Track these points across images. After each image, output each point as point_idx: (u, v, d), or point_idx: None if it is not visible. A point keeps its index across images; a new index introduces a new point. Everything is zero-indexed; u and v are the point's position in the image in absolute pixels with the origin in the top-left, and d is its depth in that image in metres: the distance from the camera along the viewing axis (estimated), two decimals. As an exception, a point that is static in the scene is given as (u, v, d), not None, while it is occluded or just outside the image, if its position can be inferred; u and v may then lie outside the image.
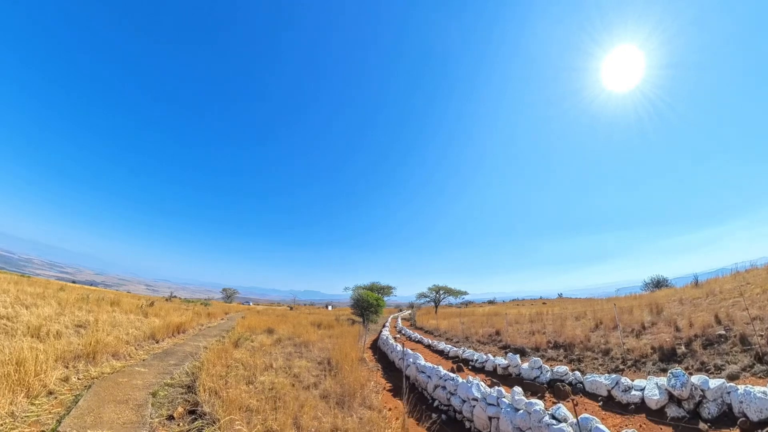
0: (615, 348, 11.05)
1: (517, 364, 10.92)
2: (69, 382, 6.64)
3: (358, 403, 8.35)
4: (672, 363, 8.96)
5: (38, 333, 9.17)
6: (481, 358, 12.84)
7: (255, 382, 8.18)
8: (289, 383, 8.61)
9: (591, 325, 14.74)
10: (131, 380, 7.37)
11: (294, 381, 9.08)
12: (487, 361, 12.38)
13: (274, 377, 8.90)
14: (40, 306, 13.00)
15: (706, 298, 14.02)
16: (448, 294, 53.16)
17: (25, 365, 5.84)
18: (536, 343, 14.22)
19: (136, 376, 7.76)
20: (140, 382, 7.29)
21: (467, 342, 17.78)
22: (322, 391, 8.61)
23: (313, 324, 23.94)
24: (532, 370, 10.19)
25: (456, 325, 23.11)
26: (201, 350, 12.35)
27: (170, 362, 9.57)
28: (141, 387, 7.00)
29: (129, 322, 13.90)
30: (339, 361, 11.36)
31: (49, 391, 5.98)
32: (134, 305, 19.96)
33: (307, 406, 6.97)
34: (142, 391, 6.72)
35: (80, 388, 6.46)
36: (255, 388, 7.66)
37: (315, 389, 8.76)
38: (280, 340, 15.65)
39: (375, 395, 10.02)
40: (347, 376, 9.79)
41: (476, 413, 8.00)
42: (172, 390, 7.08)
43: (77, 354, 7.99)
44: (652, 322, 12.64)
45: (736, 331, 9.34)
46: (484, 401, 7.93)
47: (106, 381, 7.08)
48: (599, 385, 8.18)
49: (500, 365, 11.52)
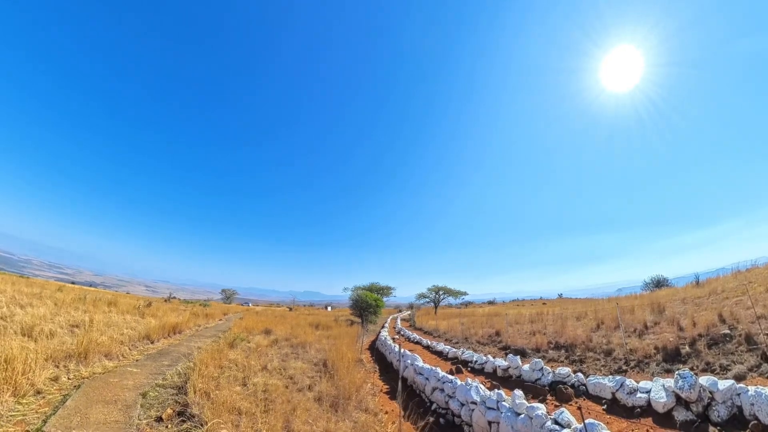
0: (617, 348, 10.86)
1: (518, 366, 10.68)
2: (59, 382, 6.53)
3: (353, 406, 8.21)
4: (676, 363, 8.77)
5: (31, 332, 9.09)
6: (480, 360, 12.64)
7: (248, 383, 8.07)
8: (283, 385, 8.50)
9: (592, 325, 14.58)
10: (122, 380, 7.26)
11: (288, 383, 8.96)
12: (486, 362, 12.17)
13: (268, 379, 8.79)
14: (35, 306, 12.92)
15: (708, 297, 13.88)
16: (448, 294, 52.97)
17: (14, 363, 5.74)
18: (537, 343, 14.02)
19: (128, 376, 7.64)
20: (131, 383, 7.17)
21: (467, 343, 17.62)
22: (317, 393, 8.47)
23: (312, 325, 23.82)
24: (534, 372, 9.93)
25: (455, 326, 22.96)
26: (196, 351, 12.25)
27: (164, 363, 9.46)
28: (131, 387, 6.89)
29: (125, 323, 13.80)
30: (335, 362, 11.22)
31: (37, 390, 5.88)
32: (131, 306, 19.86)
33: (299, 408, 6.85)
34: (132, 392, 6.61)
35: (69, 388, 6.35)
36: (248, 390, 7.55)
37: (309, 391, 8.63)
38: (276, 341, 15.54)
39: (371, 398, 9.87)
40: (343, 378, 9.61)
41: (475, 417, 7.71)
42: (163, 391, 6.96)
43: (69, 353, 7.89)
44: (654, 321, 12.49)
45: (741, 330, 9.18)
46: (484, 405, 7.63)
47: (96, 381, 6.97)
48: (603, 387, 7.86)
49: (500, 367, 11.28)
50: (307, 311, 57.13)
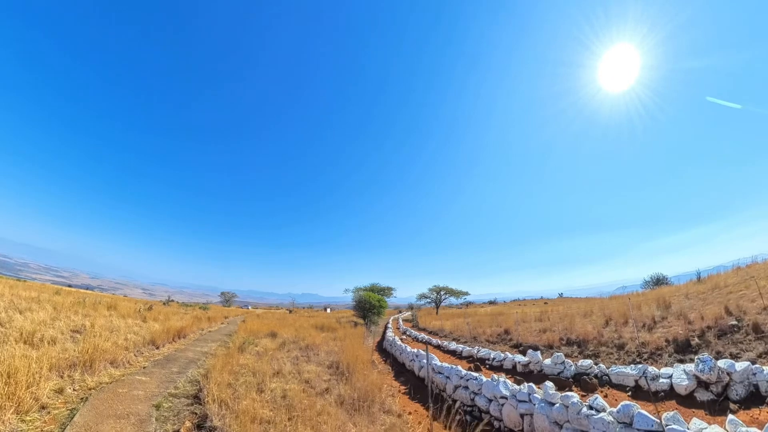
0: (629, 342, 11.09)
1: (539, 361, 10.77)
2: (64, 394, 6.03)
3: (377, 409, 7.87)
4: (687, 354, 9.07)
5: (32, 339, 8.57)
6: (498, 357, 12.50)
7: (265, 389, 7.62)
8: (301, 389, 8.07)
9: (601, 321, 14.75)
10: (131, 391, 6.78)
11: (305, 387, 8.54)
12: (505, 359, 12.07)
13: (285, 384, 8.36)
14: (34, 310, 12.37)
15: (711, 292, 14.17)
16: (450, 294, 52.79)
17: (17, 376, 5.24)
18: (548, 340, 14.04)
19: (137, 385, 7.16)
20: (142, 393, 6.69)
21: (475, 342, 17.39)
22: (337, 396, 8.07)
23: (315, 327, 23.39)
24: (555, 366, 10.08)
25: (461, 326, 22.63)
26: (203, 356, 11.79)
27: (173, 370, 8.99)
28: (143, 398, 6.41)
29: (127, 327, 13.30)
30: (350, 364, 10.86)
31: (42, 405, 5.37)
32: (132, 309, 19.33)
33: (324, 413, 6.44)
34: (144, 403, 6.14)
35: (76, 401, 5.87)
36: (266, 397, 7.10)
37: (328, 395, 8.22)
38: (284, 344, 15.10)
39: (391, 399, 9.56)
40: (360, 380, 9.31)
41: (506, 411, 7.85)
42: (176, 401, 6.51)
43: (73, 362, 7.40)
44: (662, 316, 12.74)
45: (747, 320, 9.50)
46: (515, 398, 7.77)
47: (104, 392, 6.47)
48: (626, 375, 8.19)
49: (520, 362, 11.29)
50: (307, 313, 56.61)
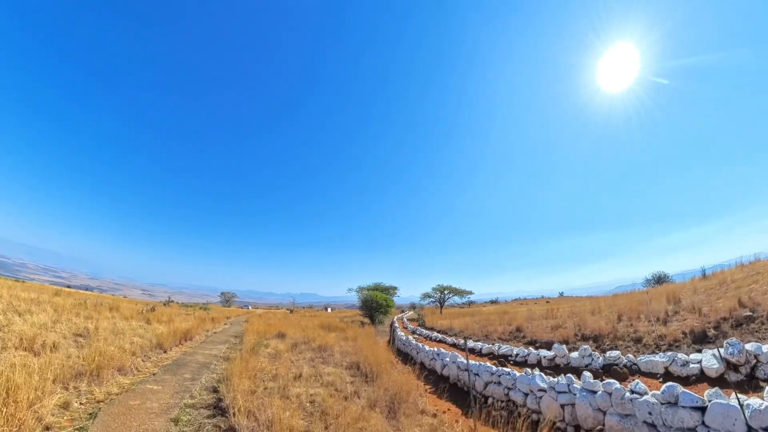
0: (646, 336, 11.13)
1: (565, 354, 10.62)
2: (70, 409, 5.35)
3: (412, 410, 7.32)
4: (705, 344, 9.15)
5: (32, 345, 7.90)
6: (522, 353, 12.12)
7: (290, 395, 7.00)
8: (328, 394, 7.47)
9: (613, 317, 14.68)
10: (144, 402, 6.11)
11: (331, 391, 7.93)
12: (529, 354, 11.74)
13: (309, 388, 7.75)
14: (34, 313, 11.64)
15: (719, 288, 14.29)
16: (454, 294, 52.55)
17: (17, 394, 4.55)
18: (562, 336, 13.72)
19: (149, 396, 6.50)
20: (156, 405, 6.02)
21: (488, 340, 16.94)
22: (367, 400, 7.46)
23: (321, 327, 22.77)
24: (583, 358, 10.01)
25: (470, 324, 22.14)
26: (214, 359, 11.16)
27: (185, 376, 8.34)
28: (158, 411, 5.75)
29: (131, 330, 12.64)
30: (372, 365, 10.31)
31: (46, 425, 4.67)
32: (134, 310, 18.67)
33: (362, 419, 5.84)
34: (161, 418, 5.48)
35: (83, 417, 5.19)
36: (293, 404, 6.47)
37: (358, 398, 7.62)
38: (296, 345, 14.49)
39: (420, 399, 9.07)
40: (386, 381, 8.79)
41: (545, 403, 7.83)
42: (195, 413, 5.87)
43: (78, 371, 6.73)
44: (674, 310, 12.85)
45: (762, 311, 9.64)
46: (553, 390, 7.78)
47: (114, 405, 5.80)
48: (655, 363, 8.27)
49: (545, 357, 11.04)
50: (308, 313, 55.93)
